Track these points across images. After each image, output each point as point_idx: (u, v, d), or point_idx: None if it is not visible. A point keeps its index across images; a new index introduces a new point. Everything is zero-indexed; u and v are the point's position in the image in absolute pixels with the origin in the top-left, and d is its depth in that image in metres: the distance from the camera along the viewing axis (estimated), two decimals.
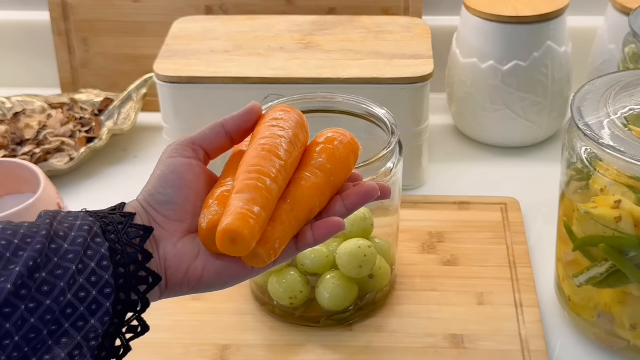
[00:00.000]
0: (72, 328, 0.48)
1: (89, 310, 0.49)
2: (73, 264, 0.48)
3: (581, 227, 0.84)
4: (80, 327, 0.48)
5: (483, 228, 1.05)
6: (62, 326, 0.47)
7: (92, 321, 0.49)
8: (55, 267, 0.48)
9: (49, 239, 0.48)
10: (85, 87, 1.34)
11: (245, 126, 0.63)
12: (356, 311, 0.92)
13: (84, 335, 0.48)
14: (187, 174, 0.58)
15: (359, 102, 0.95)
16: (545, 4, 1.16)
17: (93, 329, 0.49)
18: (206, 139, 0.61)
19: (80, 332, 0.48)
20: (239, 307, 0.94)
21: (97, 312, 0.49)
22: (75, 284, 0.48)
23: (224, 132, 0.62)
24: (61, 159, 1.19)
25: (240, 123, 0.63)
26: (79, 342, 0.48)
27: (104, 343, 0.49)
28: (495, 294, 0.95)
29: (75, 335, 0.48)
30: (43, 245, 0.47)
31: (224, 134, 0.62)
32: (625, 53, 1.08)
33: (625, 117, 0.83)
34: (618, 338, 0.86)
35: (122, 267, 0.51)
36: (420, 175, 1.16)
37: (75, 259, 0.48)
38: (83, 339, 0.48)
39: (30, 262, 0.46)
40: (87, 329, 0.48)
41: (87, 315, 0.49)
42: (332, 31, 1.19)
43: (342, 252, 0.89)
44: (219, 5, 1.31)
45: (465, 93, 1.21)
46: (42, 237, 0.48)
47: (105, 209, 0.56)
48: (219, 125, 0.62)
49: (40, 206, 0.91)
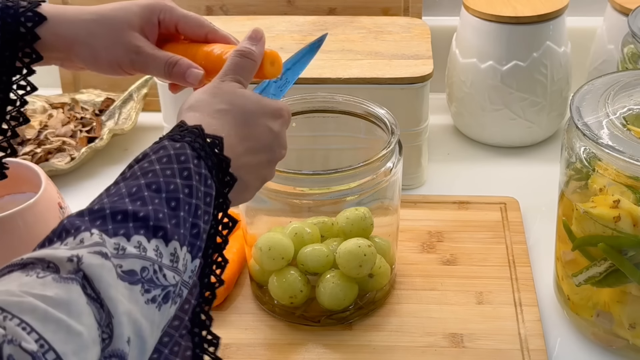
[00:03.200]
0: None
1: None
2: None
3: (580, 226, 0.84)
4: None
5: (483, 228, 1.05)
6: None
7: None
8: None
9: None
10: (87, 88, 1.35)
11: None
12: (356, 310, 0.92)
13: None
14: None
15: (359, 102, 0.95)
16: (544, 5, 1.16)
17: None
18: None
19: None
20: (239, 307, 0.95)
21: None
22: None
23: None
24: (62, 159, 1.19)
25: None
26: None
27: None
28: (495, 293, 0.95)
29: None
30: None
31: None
32: (624, 53, 1.08)
33: (624, 117, 0.83)
34: (617, 337, 0.86)
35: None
36: (420, 175, 1.16)
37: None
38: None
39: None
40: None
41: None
42: (332, 31, 1.19)
43: (342, 252, 0.89)
44: (220, 6, 1.31)
45: (465, 93, 1.21)
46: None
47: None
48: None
49: (42, 206, 0.91)
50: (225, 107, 0.64)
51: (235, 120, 0.64)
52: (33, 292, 0.46)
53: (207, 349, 0.61)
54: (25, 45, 0.72)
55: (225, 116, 0.64)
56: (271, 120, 0.66)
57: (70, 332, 0.46)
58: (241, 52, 0.69)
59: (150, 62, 0.74)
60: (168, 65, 0.74)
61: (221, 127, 0.63)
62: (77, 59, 0.75)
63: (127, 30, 0.74)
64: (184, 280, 0.56)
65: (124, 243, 0.52)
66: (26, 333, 0.44)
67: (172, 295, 0.54)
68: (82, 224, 0.52)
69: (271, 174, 0.68)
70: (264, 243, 0.89)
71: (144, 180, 0.56)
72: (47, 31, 0.73)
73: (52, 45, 0.73)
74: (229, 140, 0.62)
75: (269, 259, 0.89)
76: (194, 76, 0.73)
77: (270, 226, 0.93)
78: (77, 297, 0.47)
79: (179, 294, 0.55)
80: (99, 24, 0.74)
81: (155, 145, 0.59)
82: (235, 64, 0.68)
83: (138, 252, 0.52)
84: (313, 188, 0.86)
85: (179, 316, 0.59)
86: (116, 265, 0.50)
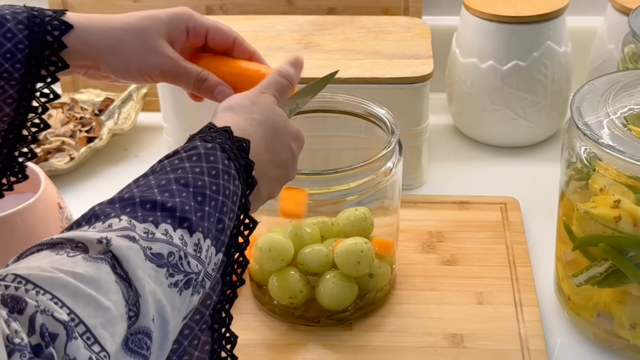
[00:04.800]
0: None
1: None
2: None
3: (581, 226, 0.84)
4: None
5: (483, 228, 1.05)
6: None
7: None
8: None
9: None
10: (86, 87, 1.34)
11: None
12: (356, 311, 0.92)
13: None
14: None
15: (359, 102, 0.95)
16: (545, 4, 1.16)
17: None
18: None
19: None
20: (238, 307, 0.94)
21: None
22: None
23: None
24: (62, 158, 1.19)
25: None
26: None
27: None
28: (495, 293, 0.95)
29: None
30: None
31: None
32: (624, 53, 1.08)
33: (625, 117, 0.83)
34: (618, 338, 0.86)
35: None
36: (420, 175, 1.16)
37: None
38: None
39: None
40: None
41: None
42: (332, 31, 1.19)
43: (339, 250, 0.89)
44: (220, 6, 1.31)
45: (465, 93, 1.21)
46: None
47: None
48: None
49: (41, 206, 0.91)
50: (261, 117, 0.68)
51: (267, 131, 0.68)
52: (64, 268, 0.48)
53: (225, 346, 0.63)
54: (52, 54, 0.72)
55: (259, 126, 0.67)
56: (293, 141, 0.71)
57: (99, 307, 0.48)
58: (282, 73, 0.74)
59: (182, 74, 0.76)
60: (198, 81, 0.76)
61: (253, 133, 0.66)
62: (107, 67, 0.75)
63: (157, 38, 0.75)
64: (207, 271, 0.58)
65: (152, 229, 0.54)
66: (58, 307, 0.46)
67: (194, 283, 0.56)
68: (113, 211, 0.55)
69: (277, 192, 0.72)
70: (264, 243, 0.89)
71: (173, 175, 0.59)
72: (76, 39, 0.73)
73: (82, 53, 0.74)
74: (257, 147, 0.66)
75: (269, 259, 0.89)
76: (223, 94, 0.76)
77: (270, 226, 0.93)
78: (106, 275, 0.50)
79: (202, 284, 0.57)
80: (129, 32, 0.75)
81: (186, 144, 0.62)
82: (276, 81, 0.73)
83: (166, 239, 0.54)
84: (313, 188, 0.86)
85: (200, 311, 0.61)
86: (145, 247, 0.53)
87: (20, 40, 0.70)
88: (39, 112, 0.76)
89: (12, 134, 0.75)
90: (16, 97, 0.73)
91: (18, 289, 0.46)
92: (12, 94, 0.72)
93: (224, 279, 0.62)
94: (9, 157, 0.76)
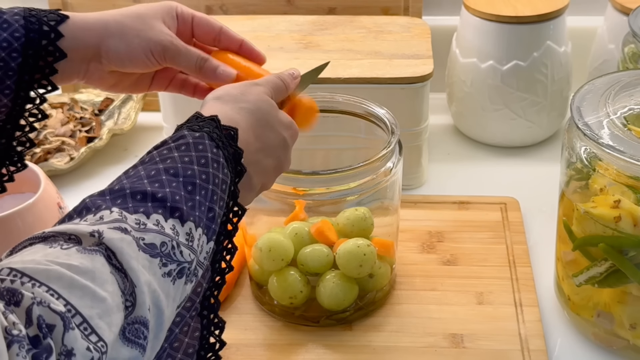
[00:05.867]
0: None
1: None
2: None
3: (581, 226, 0.84)
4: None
5: (483, 228, 1.05)
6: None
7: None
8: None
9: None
10: (86, 87, 1.34)
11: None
12: (356, 311, 0.92)
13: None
14: None
15: (359, 102, 0.95)
16: (545, 4, 1.16)
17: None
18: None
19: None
20: (238, 307, 0.95)
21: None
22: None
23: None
24: (62, 158, 1.19)
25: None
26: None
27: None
28: (495, 293, 0.95)
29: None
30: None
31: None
32: (625, 53, 1.08)
33: (625, 117, 0.83)
34: (618, 338, 0.86)
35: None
36: (420, 175, 1.16)
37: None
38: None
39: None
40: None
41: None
42: (332, 31, 1.19)
43: (342, 252, 0.89)
44: (219, 6, 1.31)
45: (465, 93, 1.21)
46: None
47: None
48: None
49: (41, 206, 0.91)
50: (249, 106, 0.68)
51: (256, 120, 0.68)
52: (58, 261, 0.49)
53: (214, 332, 0.64)
54: (49, 44, 0.73)
55: (247, 114, 0.68)
56: (285, 130, 0.71)
57: (95, 298, 0.49)
58: (280, 77, 0.75)
59: (184, 53, 0.76)
60: (200, 60, 0.77)
61: (241, 122, 0.67)
62: (110, 52, 0.75)
63: (155, 19, 0.76)
64: (199, 260, 0.58)
65: (144, 220, 0.55)
66: (54, 299, 0.47)
67: (187, 272, 0.57)
68: (103, 203, 0.55)
69: (271, 183, 0.72)
70: (264, 244, 0.89)
71: (162, 165, 0.59)
72: (74, 25, 0.74)
73: (81, 39, 0.74)
74: (246, 135, 0.66)
75: (269, 259, 0.89)
76: (226, 74, 0.77)
77: (270, 226, 0.93)
78: (101, 267, 0.50)
79: (194, 273, 0.58)
80: (127, 17, 0.76)
81: (174, 134, 0.63)
82: (271, 80, 0.74)
83: (157, 229, 0.55)
84: (313, 188, 0.86)
85: (191, 298, 0.62)
86: (138, 238, 0.53)
87: (17, 29, 0.71)
88: (37, 103, 0.76)
89: (10, 124, 0.75)
90: (13, 88, 0.72)
91: (14, 282, 0.47)
92: (9, 84, 0.72)
93: (213, 266, 0.63)
94: (8, 147, 0.76)
